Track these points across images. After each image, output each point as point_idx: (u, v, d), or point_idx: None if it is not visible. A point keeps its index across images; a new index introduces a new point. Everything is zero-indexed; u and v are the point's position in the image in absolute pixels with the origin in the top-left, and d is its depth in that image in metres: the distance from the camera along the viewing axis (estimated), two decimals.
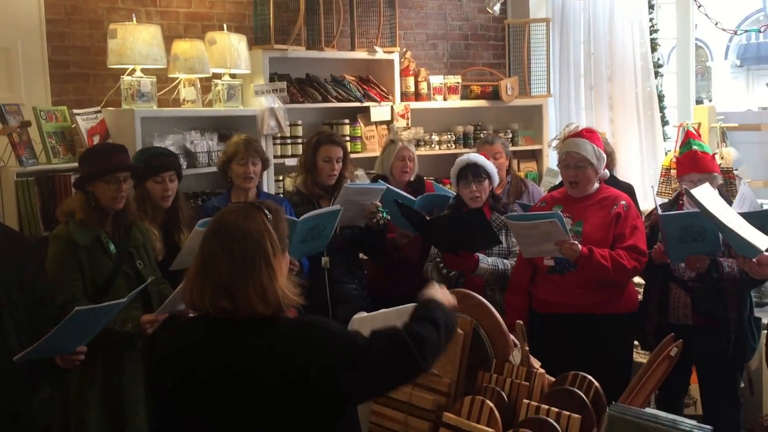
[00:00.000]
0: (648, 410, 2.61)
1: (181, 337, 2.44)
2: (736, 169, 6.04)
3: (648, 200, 6.91)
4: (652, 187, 5.40)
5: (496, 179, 4.73)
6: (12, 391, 3.21)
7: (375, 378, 2.34)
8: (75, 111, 4.87)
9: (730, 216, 3.50)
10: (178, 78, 5.29)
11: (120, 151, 3.91)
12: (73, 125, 4.84)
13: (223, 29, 5.52)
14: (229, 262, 2.27)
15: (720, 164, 5.92)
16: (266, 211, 2.38)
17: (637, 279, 4.49)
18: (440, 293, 2.64)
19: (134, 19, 5.11)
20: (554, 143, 5.84)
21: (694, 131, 4.82)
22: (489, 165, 4.67)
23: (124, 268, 3.80)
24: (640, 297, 4.48)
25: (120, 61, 4.95)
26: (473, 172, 4.59)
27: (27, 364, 3.13)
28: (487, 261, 4.45)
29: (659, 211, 4.05)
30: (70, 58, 5.34)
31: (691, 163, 4.29)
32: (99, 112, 4.98)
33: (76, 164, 4.22)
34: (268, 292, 2.28)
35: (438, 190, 5.41)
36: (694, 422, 2.46)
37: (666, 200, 4.72)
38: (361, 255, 5.02)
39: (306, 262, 4.50)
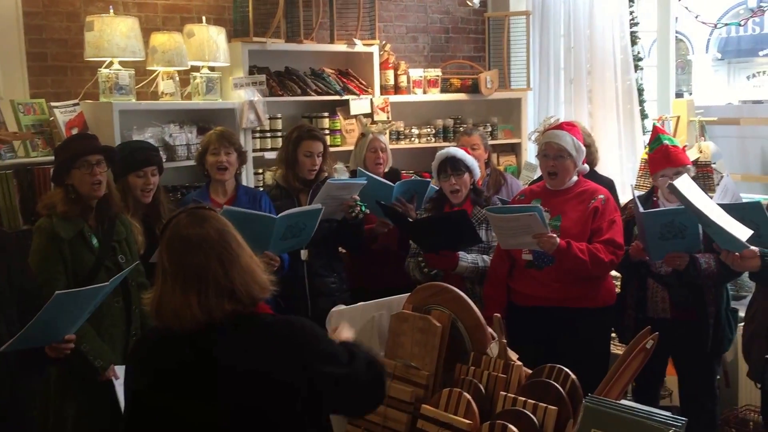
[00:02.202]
0: (624, 402, 2.62)
1: (158, 353, 2.38)
2: (714, 163, 6.06)
3: (627, 194, 6.93)
4: (631, 185, 5.40)
5: (477, 173, 4.74)
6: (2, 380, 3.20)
7: (355, 398, 2.44)
8: (53, 104, 4.86)
9: (711, 208, 3.48)
10: (156, 71, 5.26)
11: (88, 137, 3.91)
12: (52, 118, 4.82)
13: (201, 21, 5.48)
14: (219, 263, 2.26)
15: (698, 158, 5.96)
16: (206, 207, 2.43)
17: (615, 272, 4.50)
18: (347, 333, 2.72)
19: (111, 11, 5.07)
20: (534, 136, 5.86)
21: (660, 126, 4.85)
22: (468, 158, 4.67)
23: (106, 263, 3.79)
24: (618, 290, 4.49)
25: (97, 54, 4.92)
26: (452, 165, 4.60)
27: (16, 354, 3.10)
28: (467, 259, 4.46)
29: (641, 209, 4.03)
30: (47, 51, 5.30)
31: (663, 157, 4.27)
32: (77, 105, 4.96)
33: (53, 158, 4.19)
34: (256, 272, 2.32)
35: None
36: (668, 414, 2.46)
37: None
38: (340, 248, 5.02)
39: (286, 256, 4.49)
